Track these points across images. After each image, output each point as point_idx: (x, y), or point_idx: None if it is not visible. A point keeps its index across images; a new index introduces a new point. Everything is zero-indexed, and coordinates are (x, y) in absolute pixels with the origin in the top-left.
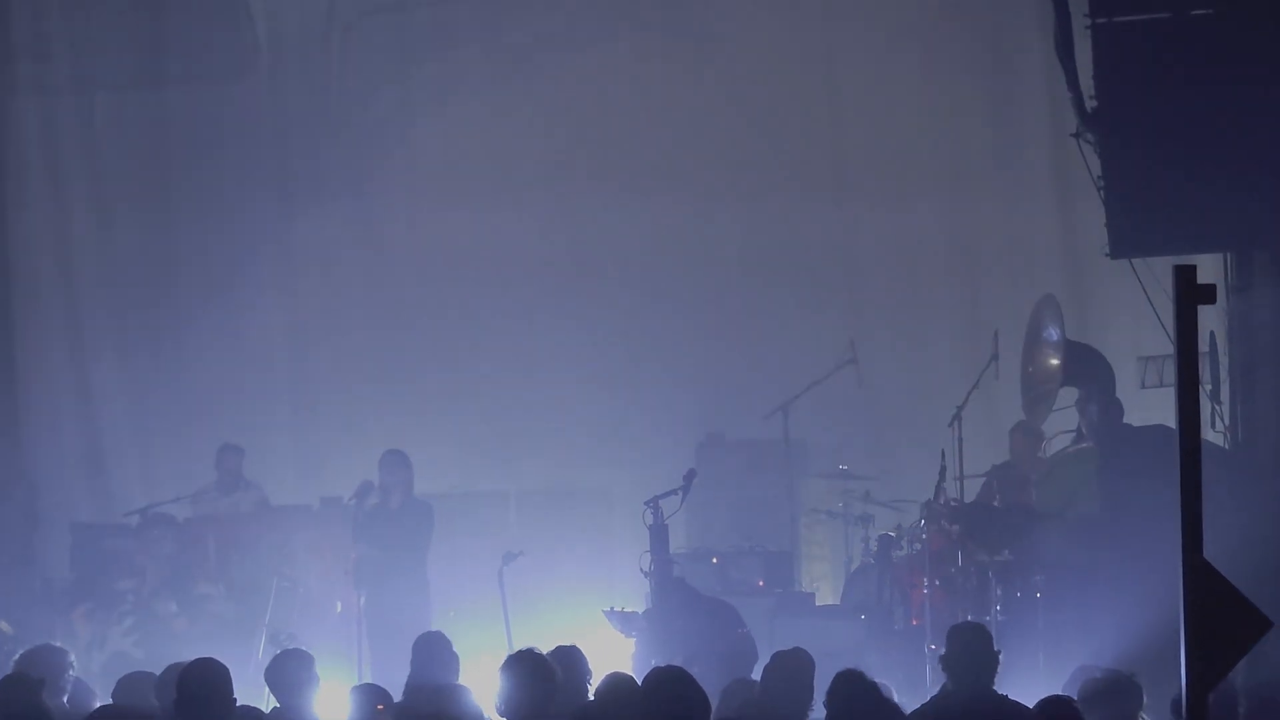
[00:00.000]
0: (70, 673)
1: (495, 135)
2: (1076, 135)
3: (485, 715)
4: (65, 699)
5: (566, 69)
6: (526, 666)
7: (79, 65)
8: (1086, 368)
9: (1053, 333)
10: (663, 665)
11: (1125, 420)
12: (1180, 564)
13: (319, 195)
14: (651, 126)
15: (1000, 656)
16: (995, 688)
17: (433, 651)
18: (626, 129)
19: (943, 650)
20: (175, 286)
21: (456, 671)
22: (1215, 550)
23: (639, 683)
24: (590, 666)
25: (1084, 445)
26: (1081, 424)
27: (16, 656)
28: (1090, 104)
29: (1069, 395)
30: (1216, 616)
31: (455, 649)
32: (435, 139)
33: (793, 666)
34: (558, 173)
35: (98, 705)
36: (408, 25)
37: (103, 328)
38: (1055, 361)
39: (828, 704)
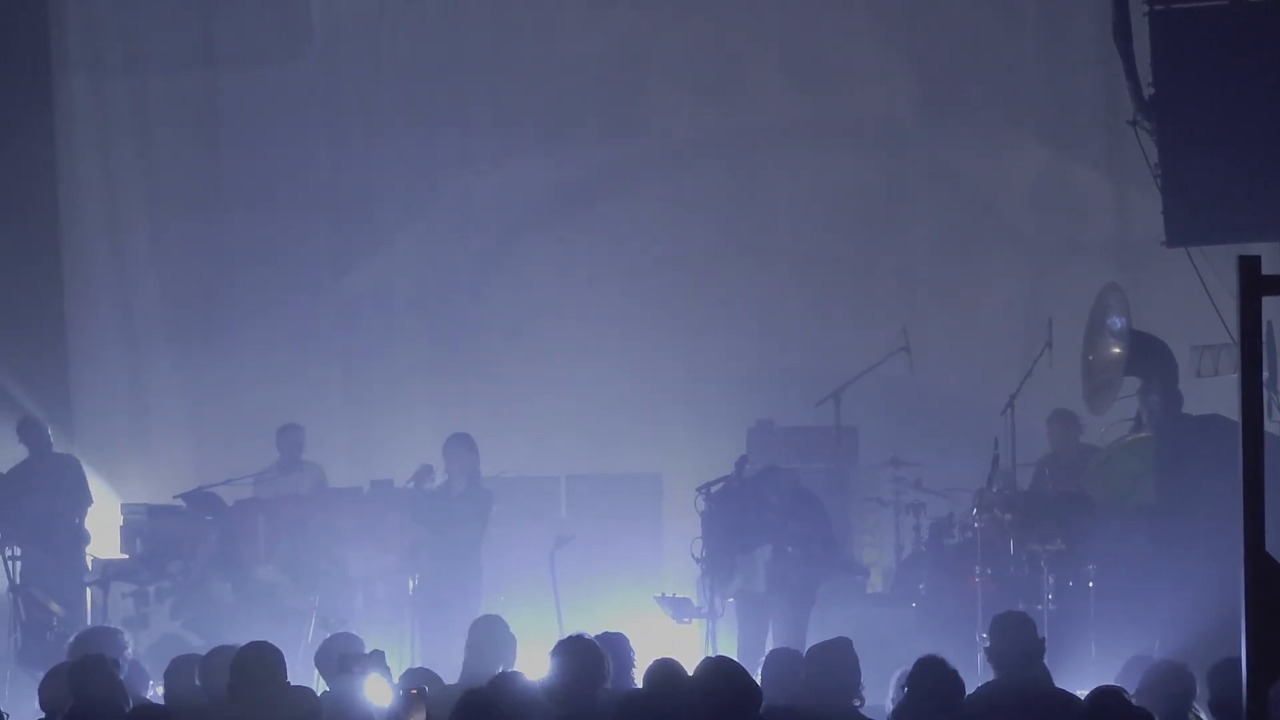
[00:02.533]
0: (126, 652)
1: (548, 117)
2: (1133, 123)
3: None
4: (121, 679)
5: (622, 49)
6: (576, 652)
7: (131, 48)
8: (1150, 357)
9: (1117, 321)
10: (714, 655)
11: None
12: (1240, 555)
13: (371, 178)
14: (698, 116)
15: (1046, 644)
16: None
17: (488, 637)
18: (676, 117)
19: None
20: (227, 269)
21: (514, 655)
22: (1275, 541)
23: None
24: (634, 654)
25: (1142, 434)
26: (1142, 413)
27: (73, 638)
28: (1147, 91)
29: (1129, 384)
30: (1277, 609)
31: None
32: (488, 122)
33: (832, 657)
34: (610, 158)
35: (150, 685)
36: (461, 6)
37: (154, 309)
38: (1118, 350)
39: (909, 687)
